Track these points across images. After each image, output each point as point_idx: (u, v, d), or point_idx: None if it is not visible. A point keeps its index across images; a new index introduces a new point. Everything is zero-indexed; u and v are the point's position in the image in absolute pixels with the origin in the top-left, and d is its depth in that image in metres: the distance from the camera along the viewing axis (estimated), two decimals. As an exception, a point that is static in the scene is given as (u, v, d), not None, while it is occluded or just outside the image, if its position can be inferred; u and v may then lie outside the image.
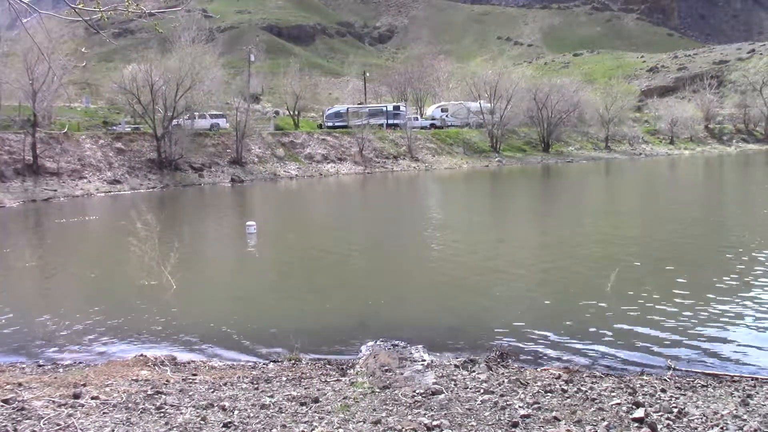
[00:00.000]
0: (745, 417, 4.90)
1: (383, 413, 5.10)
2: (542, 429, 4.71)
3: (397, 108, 59.94)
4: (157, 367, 6.96)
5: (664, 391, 5.70)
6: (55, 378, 6.45)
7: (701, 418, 4.89)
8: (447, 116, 62.97)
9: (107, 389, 5.84)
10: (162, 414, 5.11)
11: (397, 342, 7.89)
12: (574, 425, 4.76)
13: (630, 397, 5.44)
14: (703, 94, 79.30)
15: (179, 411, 5.20)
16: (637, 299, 9.76)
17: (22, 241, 19.43)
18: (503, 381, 6.08)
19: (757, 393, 5.66)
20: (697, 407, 5.19)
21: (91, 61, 74.38)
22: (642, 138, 71.31)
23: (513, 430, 4.72)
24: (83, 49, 40.67)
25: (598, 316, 9.05)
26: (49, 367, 7.42)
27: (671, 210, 22.52)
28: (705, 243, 15.28)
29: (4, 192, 29.57)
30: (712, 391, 5.78)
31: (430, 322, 9.11)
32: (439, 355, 7.39)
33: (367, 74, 78.61)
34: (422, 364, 6.84)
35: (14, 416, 4.96)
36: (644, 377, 6.38)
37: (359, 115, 53.96)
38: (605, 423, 4.78)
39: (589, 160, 58.30)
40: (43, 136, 34.30)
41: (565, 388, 5.77)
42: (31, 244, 18.66)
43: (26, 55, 32.08)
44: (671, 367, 6.80)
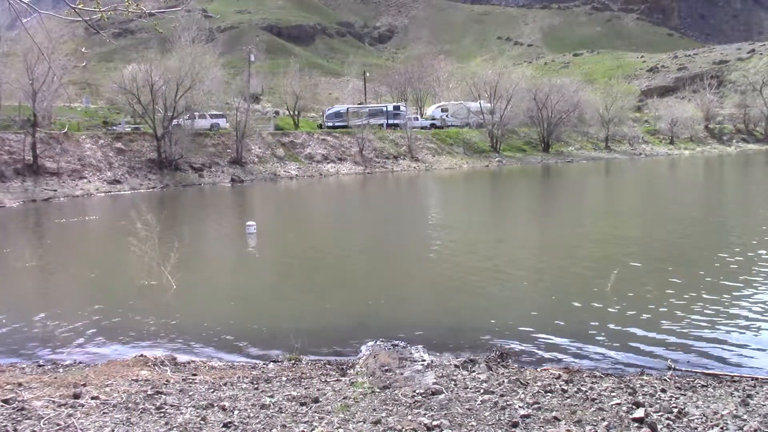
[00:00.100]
0: (745, 417, 4.90)
1: (383, 413, 5.10)
2: (542, 429, 4.71)
3: (397, 108, 59.93)
4: (157, 367, 6.96)
5: (664, 391, 5.70)
6: (55, 378, 6.44)
7: (701, 418, 4.89)
8: (447, 116, 62.97)
9: (107, 389, 5.84)
10: (162, 414, 5.11)
11: (397, 342, 7.89)
12: (574, 425, 4.76)
13: (630, 397, 5.44)
14: (703, 94, 79.29)
15: (179, 411, 5.19)
16: (637, 299, 9.76)
17: (22, 241, 19.43)
18: (503, 381, 6.08)
19: (757, 393, 5.66)
20: (697, 407, 5.19)
21: (91, 61, 74.39)
22: (642, 138, 71.31)
23: (513, 430, 4.72)
24: (83, 49, 40.70)
25: (598, 316, 9.05)
26: (49, 367, 7.42)
27: (671, 210, 22.52)
28: (705, 243, 15.28)
29: (4, 192, 29.57)
30: (712, 391, 5.78)
31: (430, 322, 9.11)
32: (439, 355, 7.39)
33: (367, 74, 78.60)
34: (422, 364, 6.84)
35: (14, 416, 4.96)
36: (644, 377, 6.38)
37: (359, 115, 53.94)
38: (605, 423, 4.78)
39: (589, 160, 58.30)
40: (43, 136, 34.30)
41: (565, 388, 5.77)
42: (31, 244, 18.67)
43: (26, 55, 32.10)
44: (671, 367, 6.80)
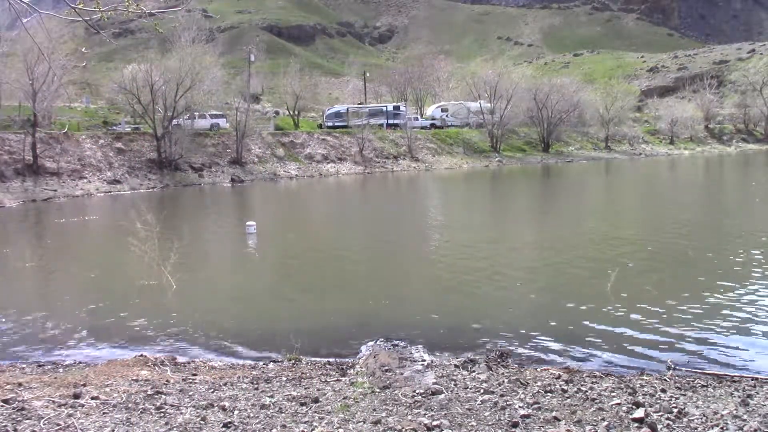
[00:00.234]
0: (745, 417, 4.90)
1: (383, 413, 5.10)
2: (542, 429, 4.71)
3: (397, 108, 59.93)
4: (157, 367, 6.96)
5: (664, 391, 5.70)
6: (55, 378, 6.44)
7: (701, 418, 4.89)
8: (447, 116, 62.97)
9: (107, 389, 5.84)
10: (162, 414, 5.11)
11: (397, 342, 7.89)
12: (574, 425, 4.76)
13: (630, 397, 5.44)
14: (703, 94, 79.24)
15: (179, 411, 5.19)
16: (636, 299, 9.75)
17: (22, 241, 19.44)
18: (503, 381, 6.08)
19: (757, 393, 5.65)
20: (697, 407, 5.19)
21: (91, 61, 74.38)
22: (642, 138, 71.31)
23: (513, 430, 4.71)
24: (83, 49, 40.67)
25: (598, 316, 9.05)
26: (49, 367, 7.42)
27: (671, 210, 22.51)
28: (704, 243, 15.27)
29: (4, 192, 29.57)
30: (712, 391, 5.78)
31: (430, 322, 9.11)
32: (439, 355, 7.39)
33: (367, 74, 78.60)
34: (422, 364, 6.84)
35: (14, 416, 4.96)
36: (644, 377, 6.38)
37: (359, 115, 53.96)
38: (605, 423, 4.77)
39: (589, 160, 58.29)
40: (43, 136, 34.30)
41: (565, 388, 5.77)
42: (31, 244, 18.67)
43: (26, 55, 32.11)
44: (671, 367, 6.80)
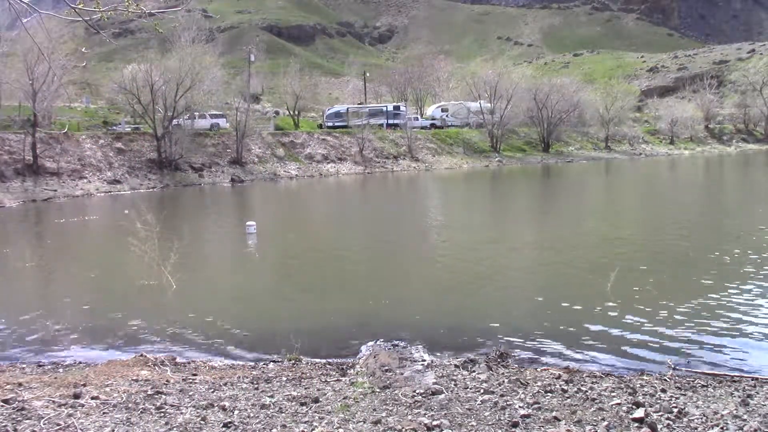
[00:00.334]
0: (745, 417, 4.90)
1: (383, 413, 5.10)
2: (542, 429, 4.71)
3: (397, 108, 59.93)
4: (157, 367, 6.96)
5: (664, 391, 5.70)
6: (55, 378, 6.44)
7: (701, 418, 4.89)
8: (447, 116, 62.97)
9: (107, 389, 5.84)
10: (162, 414, 5.11)
11: (397, 342, 7.89)
12: (574, 425, 4.76)
13: (630, 397, 5.44)
14: (703, 94, 79.23)
15: (179, 411, 5.19)
16: (637, 299, 9.76)
17: (22, 241, 19.43)
18: (503, 381, 6.08)
19: (757, 393, 5.65)
20: (697, 407, 5.19)
21: (91, 61, 74.41)
22: (642, 138, 71.31)
23: (513, 430, 4.71)
24: (83, 49, 40.68)
25: (598, 316, 9.05)
26: (49, 367, 7.42)
27: (671, 210, 22.51)
28: (704, 243, 15.26)
29: (4, 192, 29.57)
30: (712, 391, 5.78)
31: (430, 322, 9.11)
32: (439, 355, 7.39)
33: (367, 74, 78.60)
34: (422, 364, 6.83)
35: (14, 416, 4.96)
36: (644, 377, 6.38)
37: (359, 115, 53.96)
38: (605, 423, 4.77)
39: (589, 160, 58.29)
40: (43, 136, 34.30)
41: (565, 388, 5.77)
42: (31, 244, 18.66)
43: (26, 55, 32.10)
44: (671, 367, 6.80)
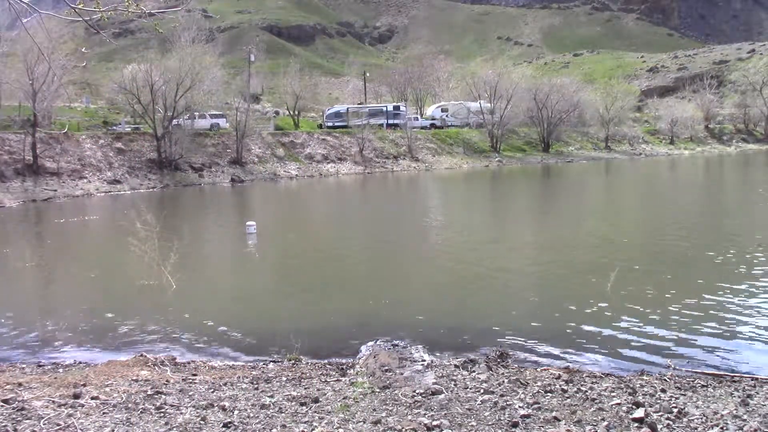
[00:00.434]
0: (745, 417, 4.90)
1: (383, 413, 5.10)
2: (542, 429, 4.71)
3: (397, 108, 59.93)
4: (157, 367, 6.96)
5: (664, 391, 5.70)
6: (55, 378, 6.44)
7: (701, 418, 4.89)
8: (447, 116, 62.98)
9: (107, 389, 5.84)
10: (162, 414, 5.11)
11: (397, 342, 7.88)
12: (574, 425, 4.76)
13: (630, 397, 5.44)
14: (703, 94, 79.24)
15: (179, 411, 5.19)
16: (636, 299, 9.76)
17: (22, 241, 19.43)
18: (503, 381, 6.08)
19: (757, 393, 5.65)
20: (697, 407, 5.19)
21: (91, 61, 74.43)
22: (642, 138, 71.32)
23: (513, 430, 4.71)
24: (83, 49, 40.69)
25: (598, 316, 9.05)
26: (49, 367, 7.42)
27: (671, 211, 22.51)
28: (704, 243, 15.26)
29: (4, 192, 29.57)
30: (712, 391, 5.78)
31: (430, 322, 9.11)
32: (439, 355, 7.39)
33: (367, 74, 78.61)
34: (422, 364, 6.83)
35: (14, 416, 4.96)
36: (644, 377, 6.38)
37: (359, 115, 53.96)
38: (605, 423, 4.77)
39: (589, 160, 58.29)
40: (43, 136, 34.30)
41: (565, 388, 5.77)
42: (31, 244, 18.66)
43: (26, 55, 32.11)
44: (671, 367, 6.80)
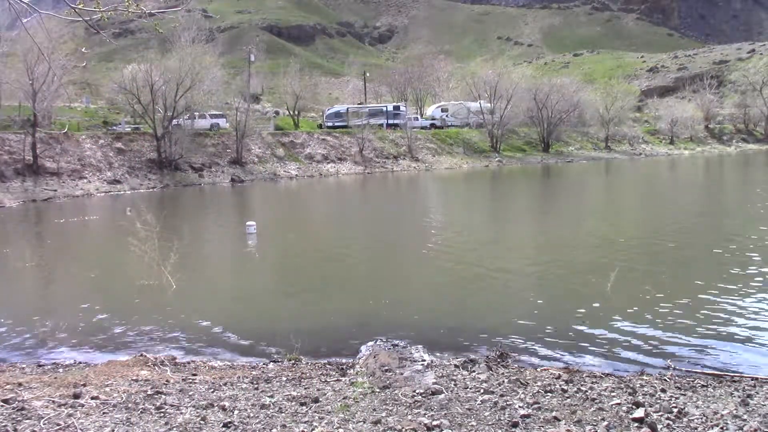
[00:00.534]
0: (745, 417, 4.90)
1: (383, 413, 5.10)
2: (542, 429, 4.71)
3: (397, 108, 59.93)
4: (157, 367, 6.96)
5: (664, 391, 5.70)
6: (55, 378, 6.44)
7: (701, 418, 4.89)
8: (447, 116, 62.98)
9: (107, 389, 5.84)
10: (162, 414, 5.11)
11: (397, 342, 7.88)
12: (574, 425, 4.76)
13: (630, 397, 5.44)
14: (703, 94, 79.24)
15: (179, 411, 5.19)
16: (636, 299, 9.76)
17: (22, 241, 19.42)
18: (503, 381, 6.08)
19: (757, 393, 5.65)
20: (697, 407, 5.19)
21: (91, 61, 74.43)
22: (642, 138, 71.32)
23: (513, 430, 4.71)
24: (83, 49, 40.66)
25: (598, 316, 9.05)
26: (49, 367, 7.42)
27: (671, 211, 22.51)
28: (704, 243, 15.26)
29: (4, 192, 29.57)
30: (712, 391, 5.78)
31: (430, 322, 9.11)
32: (439, 355, 7.39)
33: (367, 74, 78.62)
34: (422, 364, 6.83)
35: (14, 416, 4.96)
36: (644, 377, 6.38)
37: (359, 115, 53.96)
38: (605, 423, 4.77)
39: (589, 160, 58.29)
40: (43, 136, 34.30)
41: (565, 388, 5.77)
42: (31, 244, 18.66)
43: (26, 55, 32.11)
44: (671, 367, 6.80)
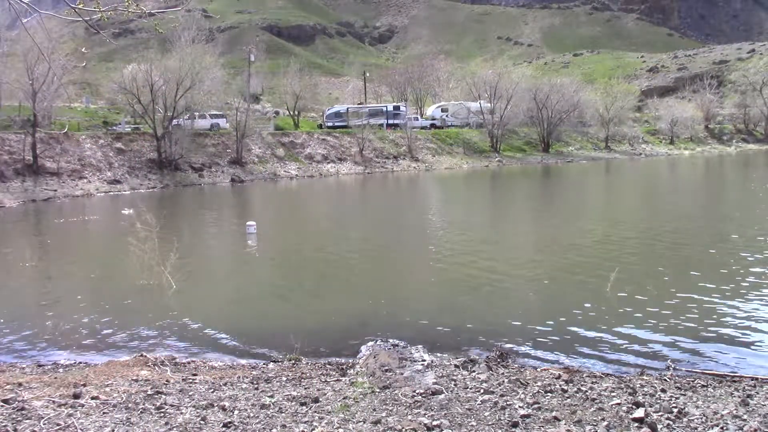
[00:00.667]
0: (745, 417, 4.90)
1: (383, 413, 5.10)
2: (542, 429, 4.71)
3: (397, 108, 59.96)
4: (157, 367, 6.96)
5: (664, 391, 5.70)
6: (55, 378, 6.44)
7: (701, 418, 4.89)
8: (447, 116, 62.99)
9: (107, 389, 5.84)
10: (162, 414, 5.11)
11: (397, 342, 7.88)
12: (574, 425, 4.76)
13: (630, 397, 5.44)
14: (703, 94, 79.27)
15: (179, 411, 5.19)
16: (636, 299, 9.76)
17: (22, 241, 19.41)
18: (503, 381, 6.08)
19: (757, 393, 5.66)
20: (697, 407, 5.19)
21: (91, 61, 74.45)
22: (642, 138, 71.34)
23: (513, 430, 4.71)
24: (83, 49, 40.68)
25: (598, 316, 9.06)
26: (49, 367, 7.42)
27: (671, 211, 22.51)
28: (704, 244, 15.27)
29: (4, 192, 29.56)
30: (712, 391, 5.78)
31: (430, 322, 9.11)
32: (439, 355, 7.38)
33: (367, 74, 78.66)
34: (422, 364, 6.83)
35: (14, 416, 4.96)
36: (644, 377, 6.38)
37: (359, 115, 53.97)
38: (605, 423, 4.77)
39: (589, 160, 58.28)
40: (43, 136, 34.29)
41: (565, 388, 5.77)
42: (30, 244, 18.64)
43: (26, 55, 32.12)
44: (671, 367, 6.80)
